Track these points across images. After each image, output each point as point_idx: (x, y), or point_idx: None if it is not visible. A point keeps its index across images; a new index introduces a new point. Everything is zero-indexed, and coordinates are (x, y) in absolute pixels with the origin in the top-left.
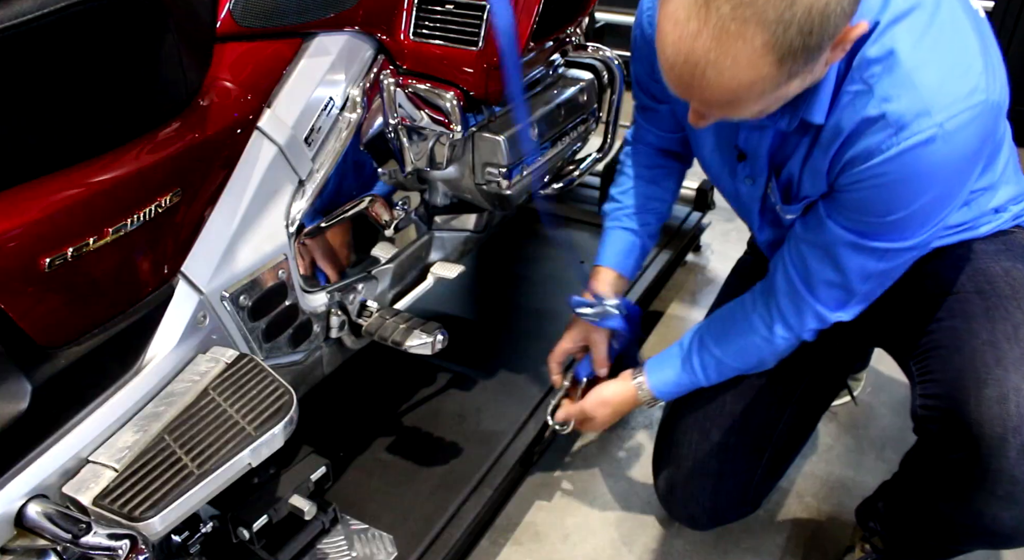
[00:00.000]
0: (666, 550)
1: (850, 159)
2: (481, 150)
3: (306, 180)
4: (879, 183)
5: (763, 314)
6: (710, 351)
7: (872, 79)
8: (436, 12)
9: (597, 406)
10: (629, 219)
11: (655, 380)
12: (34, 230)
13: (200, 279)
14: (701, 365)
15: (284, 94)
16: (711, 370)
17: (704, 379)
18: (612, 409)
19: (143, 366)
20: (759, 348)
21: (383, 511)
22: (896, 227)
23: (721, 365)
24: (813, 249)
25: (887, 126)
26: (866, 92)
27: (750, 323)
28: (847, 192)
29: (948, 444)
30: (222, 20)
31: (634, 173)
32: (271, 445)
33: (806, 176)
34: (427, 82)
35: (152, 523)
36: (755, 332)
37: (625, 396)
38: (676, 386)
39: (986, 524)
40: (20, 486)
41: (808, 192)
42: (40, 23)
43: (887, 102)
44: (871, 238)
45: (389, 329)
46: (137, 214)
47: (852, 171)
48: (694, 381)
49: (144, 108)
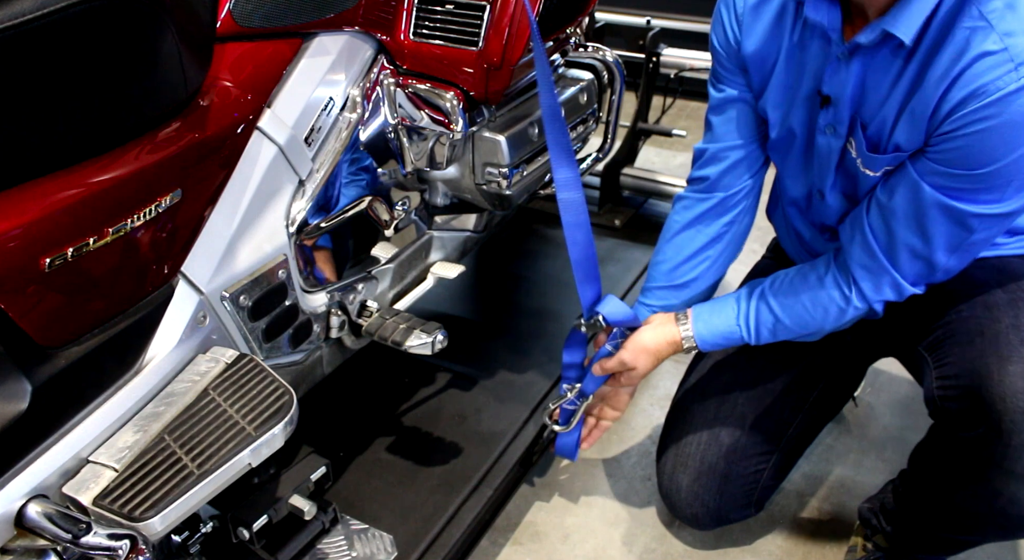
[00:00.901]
0: (666, 550)
1: (961, 100)
2: (481, 150)
3: (306, 180)
4: (986, 127)
5: (838, 281)
6: (771, 309)
7: (993, 15)
8: (436, 12)
9: (638, 354)
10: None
11: (702, 327)
12: (34, 230)
13: (200, 279)
14: (756, 321)
15: (284, 94)
16: (764, 329)
17: (754, 336)
18: (654, 356)
19: (143, 366)
20: (824, 315)
21: (383, 511)
22: (993, 184)
23: (778, 325)
24: (899, 215)
25: (1008, 60)
26: (985, 27)
27: (823, 289)
28: (948, 140)
29: (968, 422)
30: (222, 20)
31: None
32: (271, 445)
33: (903, 122)
34: (427, 82)
35: (152, 523)
36: (828, 299)
37: (667, 341)
38: (723, 338)
39: (1003, 506)
40: (20, 486)
41: (901, 141)
42: (40, 23)
43: (1010, 37)
44: (964, 199)
45: (389, 329)
46: (137, 214)
47: (959, 114)
48: (742, 336)
49: (144, 108)
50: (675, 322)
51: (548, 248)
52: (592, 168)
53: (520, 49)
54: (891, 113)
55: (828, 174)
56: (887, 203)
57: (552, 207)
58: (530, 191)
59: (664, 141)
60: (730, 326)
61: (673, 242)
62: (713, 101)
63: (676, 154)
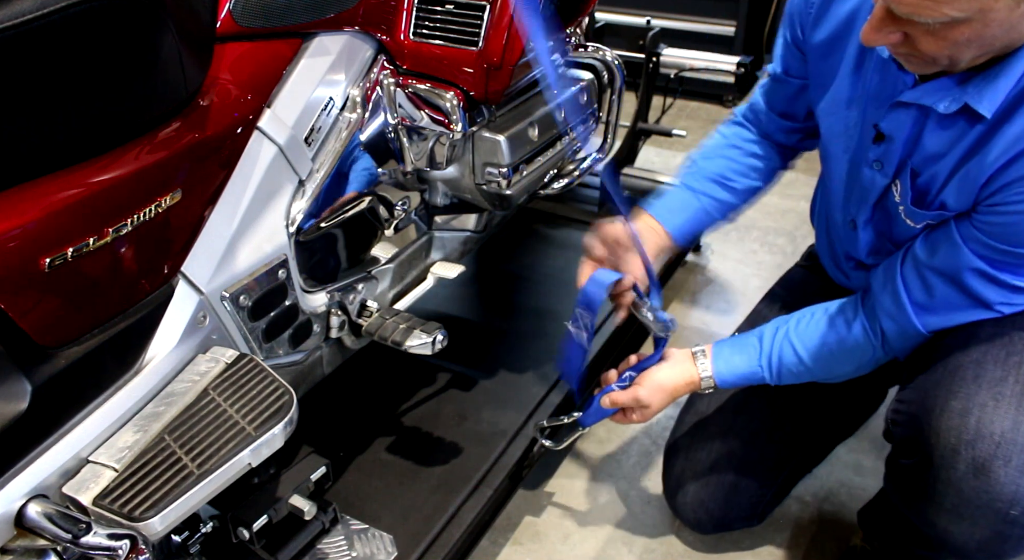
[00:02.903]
0: (666, 550)
1: (1020, 176)
2: (481, 150)
3: (306, 180)
4: None
5: (867, 329)
6: (795, 352)
7: None
8: (436, 12)
9: (654, 392)
10: (696, 179)
11: (722, 366)
12: (34, 230)
13: (200, 279)
14: (780, 363)
15: (284, 94)
16: (787, 372)
17: (775, 378)
18: (670, 395)
19: (143, 366)
20: (851, 361)
21: (383, 511)
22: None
23: (802, 369)
24: (939, 276)
25: None
26: None
27: (851, 336)
28: (995, 213)
29: (907, 449)
30: (222, 20)
31: (724, 142)
32: (271, 445)
33: (955, 182)
34: (427, 82)
35: (152, 523)
36: (856, 347)
37: (685, 381)
38: (743, 378)
39: (940, 536)
40: (20, 486)
41: (949, 201)
42: (40, 23)
43: None
44: (1006, 271)
45: (389, 329)
46: (137, 214)
47: (1014, 190)
48: (763, 377)
49: (144, 108)
50: (693, 361)
51: (548, 248)
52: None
53: (520, 49)
54: (944, 170)
55: (865, 208)
56: (926, 260)
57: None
58: (530, 191)
59: (664, 141)
60: (752, 367)
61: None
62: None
63: (676, 154)
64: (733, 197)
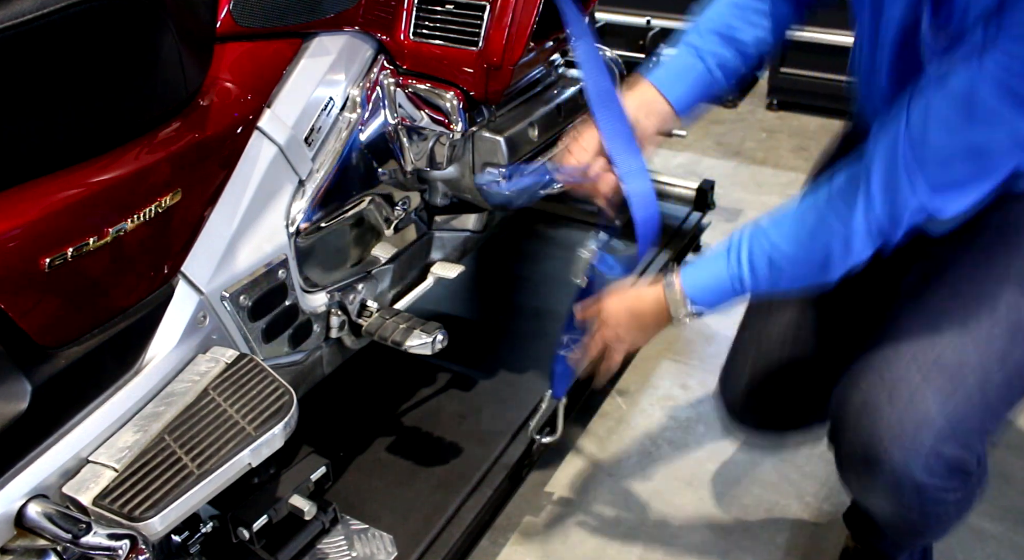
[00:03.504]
0: (666, 550)
1: None
2: (481, 150)
3: (306, 180)
4: None
5: (849, 191)
6: (767, 236)
7: None
8: (436, 12)
9: (614, 305)
10: (698, 36)
11: (689, 276)
12: (35, 230)
13: (200, 279)
14: (750, 252)
15: (284, 94)
16: (759, 262)
17: (749, 276)
18: (631, 311)
19: (143, 366)
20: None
21: (383, 511)
22: None
23: (775, 255)
24: (947, 97)
25: None
26: None
27: (829, 203)
28: None
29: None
30: (222, 20)
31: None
32: (271, 445)
33: None
34: (427, 82)
35: (152, 523)
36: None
37: (651, 296)
38: (714, 279)
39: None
40: (20, 486)
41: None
42: (40, 23)
43: None
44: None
45: (389, 329)
46: (137, 214)
47: None
48: (736, 277)
49: (144, 108)
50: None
51: (548, 248)
52: None
53: (520, 49)
54: None
55: (885, 52)
56: (936, 79)
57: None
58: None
59: (664, 141)
60: (719, 264)
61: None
62: None
63: (676, 154)
64: (740, 53)
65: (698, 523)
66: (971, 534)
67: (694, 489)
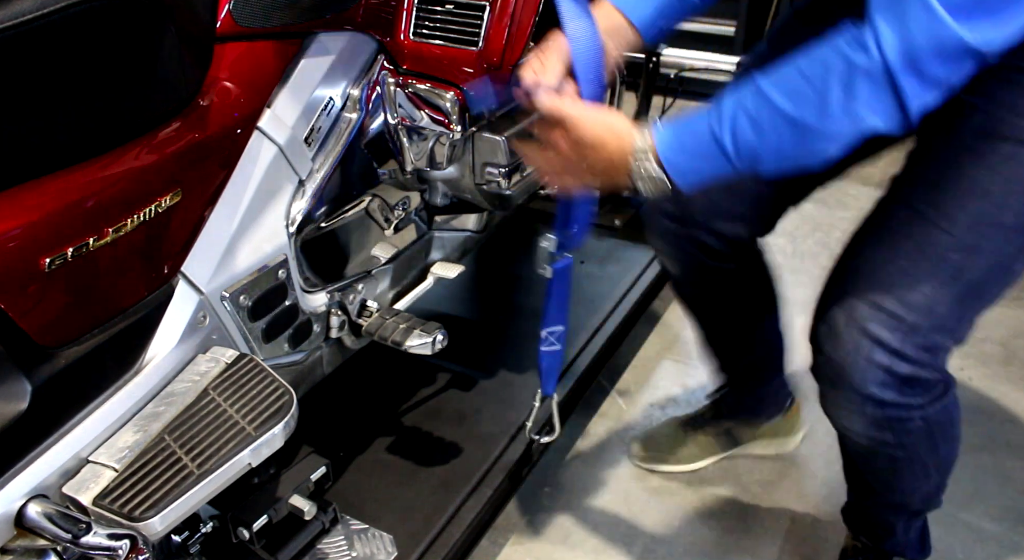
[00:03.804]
0: (666, 550)
1: None
2: (481, 150)
3: (306, 180)
4: None
5: (848, 31)
6: (757, 87)
7: None
8: (436, 12)
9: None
10: None
11: (666, 130)
12: (35, 230)
13: (200, 279)
14: (736, 104)
15: (284, 94)
16: (743, 114)
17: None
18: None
19: (143, 366)
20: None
21: (383, 511)
22: None
23: (761, 106)
24: None
25: None
26: None
27: (827, 43)
28: None
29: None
30: (222, 20)
31: None
32: (271, 445)
33: None
34: (427, 82)
35: (152, 523)
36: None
37: (619, 127)
38: (691, 137)
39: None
40: (20, 486)
41: None
42: (40, 23)
43: None
44: None
45: (389, 329)
46: (137, 214)
47: None
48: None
49: (144, 108)
50: None
51: None
52: None
53: (520, 49)
54: None
55: None
56: None
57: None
58: (530, 191)
59: None
60: (699, 120)
61: None
62: None
63: None
64: None
65: (698, 523)
66: (971, 534)
67: (694, 489)
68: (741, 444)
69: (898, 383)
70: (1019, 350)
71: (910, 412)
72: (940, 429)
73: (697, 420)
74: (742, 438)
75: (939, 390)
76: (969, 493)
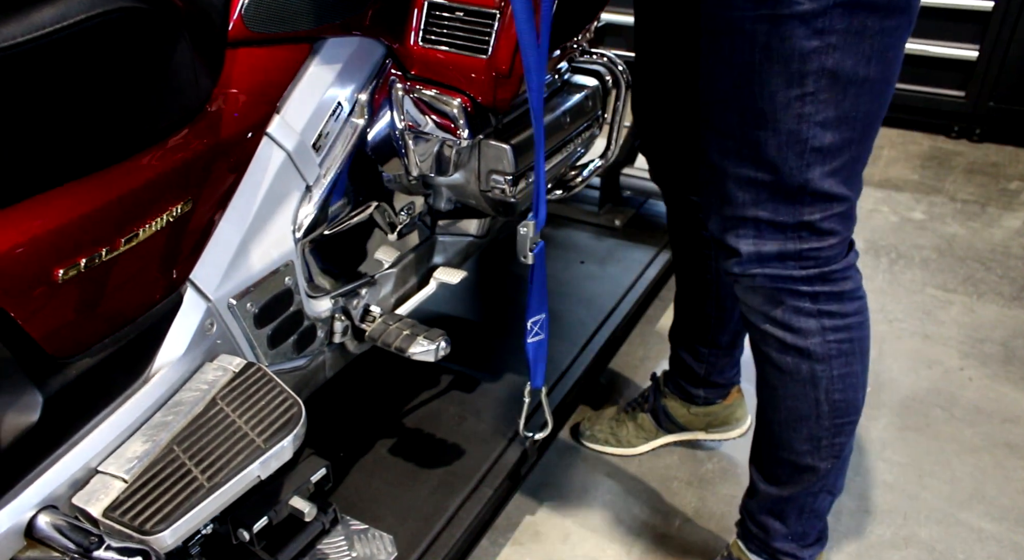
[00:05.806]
0: (666, 551)
1: None
2: (487, 157)
3: (313, 186)
4: None
5: None
6: None
7: None
8: (445, 19)
9: None
10: None
11: None
12: (49, 241)
13: (208, 286)
14: None
15: (293, 99)
16: None
17: None
18: None
19: (152, 375)
20: None
21: (383, 512)
22: None
23: None
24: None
25: None
26: None
27: None
28: None
29: None
30: (233, 25)
31: None
32: (280, 457)
33: None
34: (435, 88)
35: (163, 537)
36: None
37: None
38: None
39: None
40: (31, 497)
41: None
42: (57, 36)
43: None
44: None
45: (392, 335)
46: (150, 223)
47: None
48: None
49: (159, 117)
50: None
51: (548, 249)
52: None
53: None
54: None
55: None
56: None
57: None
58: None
59: None
60: None
61: None
62: None
63: None
64: None
65: (698, 523)
66: (971, 534)
67: (694, 489)
68: (684, 430)
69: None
70: (1019, 350)
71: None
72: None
73: (636, 401)
74: (679, 419)
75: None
76: (969, 493)
